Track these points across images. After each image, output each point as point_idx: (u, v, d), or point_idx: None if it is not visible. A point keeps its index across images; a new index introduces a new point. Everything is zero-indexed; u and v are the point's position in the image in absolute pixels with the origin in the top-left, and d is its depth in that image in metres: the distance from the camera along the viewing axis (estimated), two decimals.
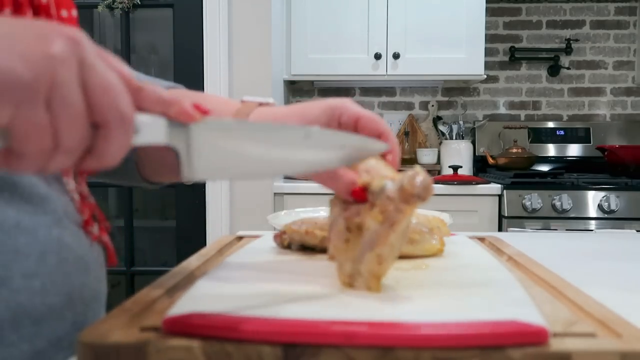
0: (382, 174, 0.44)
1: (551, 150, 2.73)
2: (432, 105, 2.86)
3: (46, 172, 0.31)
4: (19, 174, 0.32)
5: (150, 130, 0.35)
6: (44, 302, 0.45)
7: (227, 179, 0.40)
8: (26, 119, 0.29)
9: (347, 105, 0.50)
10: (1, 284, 0.42)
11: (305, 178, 0.50)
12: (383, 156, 0.49)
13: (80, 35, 0.31)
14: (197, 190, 2.24)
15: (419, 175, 0.40)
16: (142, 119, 0.35)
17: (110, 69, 0.32)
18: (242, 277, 0.50)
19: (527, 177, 2.28)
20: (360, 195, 0.45)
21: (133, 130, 0.33)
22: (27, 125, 0.29)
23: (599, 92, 2.83)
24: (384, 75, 2.47)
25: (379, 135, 0.49)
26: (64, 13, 0.49)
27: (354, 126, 0.49)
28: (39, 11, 0.46)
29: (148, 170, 0.64)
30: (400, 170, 0.45)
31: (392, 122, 2.87)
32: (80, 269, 0.49)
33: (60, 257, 0.47)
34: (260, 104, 0.55)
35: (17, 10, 0.44)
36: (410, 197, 0.40)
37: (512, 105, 2.86)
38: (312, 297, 0.43)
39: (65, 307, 0.47)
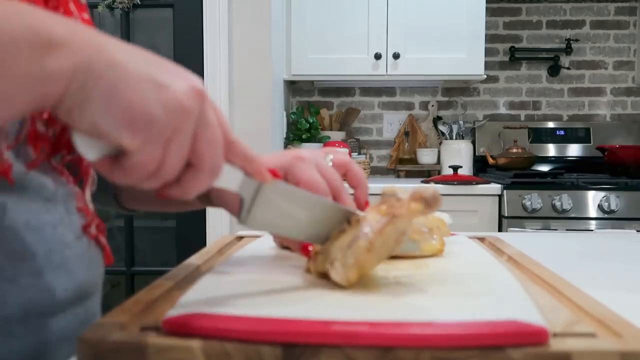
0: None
1: (551, 150, 2.73)
2: (432, 105, 2.86)
3: (137, 186, 0.37)
4: (112, 180, 0.37)
5: (229, 179, 0.43)
6: (51, 298, 0.47)
7: (274, 233, 0.47)
8: (147, 152, 0.34)
9: (295, 166, 0.52)
10: (11, 282, 0.44)
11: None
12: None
13: (203, 88, 0.37)
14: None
15: (432, 188, 0.45)
16: (225, 169, 0.40)
17: (217, 123, 0.38)
18: (242, 277, 0.50)
19: (527, 177, 2.28)
20: (305, 251, 0.52)
21: (217, 177, 0.39)
22: (146, 156, 0.35)
23: (599, 92, 2.83)
24: (384, 75, 2.48)
25: None
26: (86, 15, 0.52)
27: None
28: (60, 4, 0.48)
29: (126, 197, 0.68)
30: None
31: (392, 122, 2.88)
32: (82, 266, 0.51)
33: (63, 256, 0.49)
34: None
35: (46, 3, 0.46)
36: (420, 197, 0.44)
37: (512, 105, 2.86)
38: (312, 297, 0.43)
39: (69, 302, 0.49)
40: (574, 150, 2.72)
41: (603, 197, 2.14)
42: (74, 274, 0.50)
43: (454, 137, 2.67)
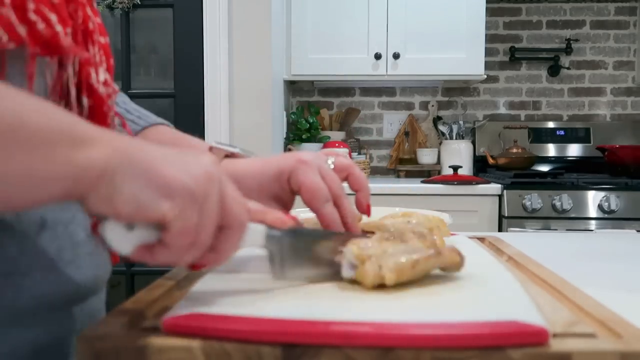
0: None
1: (551, 150, 2.73)
2: (432, 105, 2.86)
3: (178, 264, 0.40)
4: (152, 265, 0.40)
5: (254, 235, 0.44)
6: (61, 292, 0.49)
7: (307, 281, 0.47)
8: (185, 219, 0.37)
9: (297, 169, 0.53)
10: (24, 276, 0.46)
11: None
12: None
13: (216, 160, 0.41)
14: None
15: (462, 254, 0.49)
16: (247, 228, 0.43)
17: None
18: (241, 277, 0.50)
19: (527, 177, 2.28)
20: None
21: (244, 233, 0.42)
22: (185, 223, 0.37)
23: (599, 92, 2.83)
24: (384, 75, 2.47)
25: (313, 211, 0.53)
26: (102, 39, 0.54)
27: (298, 191, 0.54)
28: (87, 35, 0.50)
29: None
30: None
31: (392, 122, 2.88)
32: (92, 264, 0.53)
33: (74, 253, 0.50)
34: (226, 155, 0.59)
35: (74, 34, 0.47)
36: (460, 255, 0.49)
37: (512, 105, 2.86)
38: (312, 297, 0.43)
39: (78, 297, 0.51)
40: (574, 150, 2.72)
41: (603, 197, 2.14)
42: (83, 271, 0.51)
43: (454, 137, 2.67)
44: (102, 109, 0.51)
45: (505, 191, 2.18)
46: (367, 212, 0.57)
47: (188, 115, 2.24)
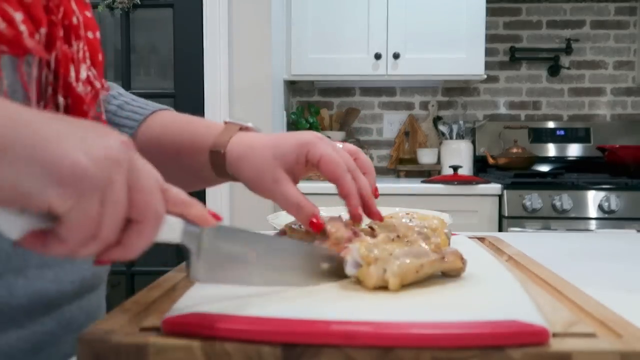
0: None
1: (551, 150, 2.73)
2: (432, 105, 2.86)
3: (75, 257, 0.35)
4: (48, 255, 0.34)
5: (169, 231, 0.38)
6: (57, 289, 0.49)
7: (228, 283, 0.43)
8: (83, 210, 0.32)
9: (316, 143, 0.53)
10: (18, 274, 0.45)
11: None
12: (345, 196, 0.54)
13: (129, 139, 0.35)
14: (197, 191, 2.24)
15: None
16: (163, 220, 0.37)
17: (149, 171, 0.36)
18: None
19: (527, 177, 2.28)
20: (317, 228, 0.52)
21: (159, 228, 0.36)
22: (81, 215, 0.32)
23: (599, 92, 2.83)
24: (384, 75, 2.47)
25: (334, 180, 0.53)
26: (90, 34, 0.52)
27: (317, 164, 0.53)
28: (70, 31, 0.49)
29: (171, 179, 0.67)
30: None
31: (392, 122, 2.87)
32: (89, 259, 0.51)
33: None
34: (241, 128, 0.58)
35: (51, 28, 0.46)
36: (463, 259, 0.49)
37: (512, 105, 2.86)
38: (312, 297, 0.43)
39: (75, 293, 0.51)
40: (574, 150, 2.72)
41: (603, 197, 2.14)
42: (80, 267, 0.51)
43: (454, 137, 2.67)
44: (81, 108, 0.49)
45: (505, 191, 2.18)
46: (375, 193, 0.58)
47: None
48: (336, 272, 0.48)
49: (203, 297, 0.42)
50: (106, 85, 0.55)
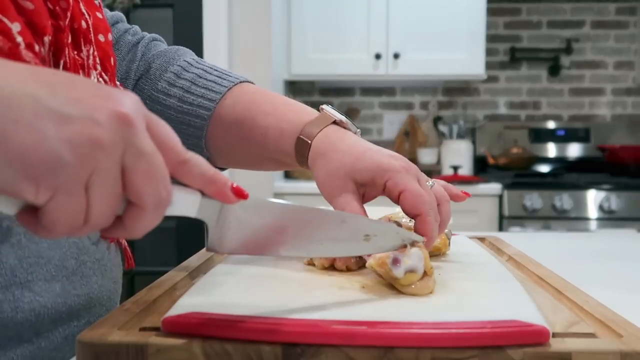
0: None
1: (551, 150, 2.73)
2: (433, 105, 2.86)
3: (70, 236, 0.32)
4: (40, 236, 0.32)
5: (183, 206, 0.35)
6: (64, 303, 0.47)
7: (254, 254, 0.40)
8: (62, 203, 0.28)
9: (398, 171, 0.49)
10: (24, 287, 0.44)
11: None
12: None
13: (133, 111, 0.30)
14: None
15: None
16: (177, 194, 0.34)
17: (156, 148, 0.31)
18: (241, 277, 0.50)
19: (528, 177, 2.28)
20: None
21: (165, 211, 0.33)
22: (61, 207, 0.28)
23: (599, 92, 2.83)
24: (384, 75, 2.47)
25: (415, 216, 0.48)
26: (101, 38, 0.50)
27: (397, 195, 0.49)
28: (79, 35, 0.47)
29: (216, 156, 0.63)
30: None
31: (392, 122, 2.87)
32: (98, 271, 0.51)
33: (79, 261, 0.48)
34: (335, 122, 0.55)
35: (57, 35, 0.44)
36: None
37: (512, 105, 2.86)
38: (312, 297, 0.43)
39: (83, 308, 0.49)
40: (574, 150, 2.72)
41: (603, 197, 2.14)
42: (88, 280, 0.49)
43: (454, 137, 2.67)
44: None
45: (505, 191, 2.18)
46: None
47: None
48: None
49: (203, 297, 0.42)
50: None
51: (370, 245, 0.44)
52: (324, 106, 0.57)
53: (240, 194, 0.36)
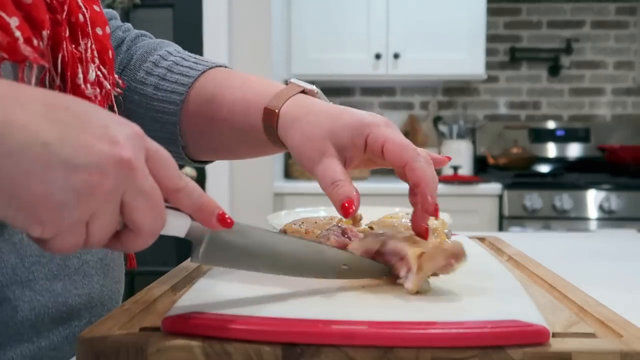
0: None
1: (551, 150, 2.73)
2: (433, 106, 2.86)
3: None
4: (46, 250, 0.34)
5: (174, 229, 0.38)
6: (65, 303, 0.47)
7: (234, 268, 0.43)
8: (64, 239, 0.31)
9: (378, 125, 0.47)
10: (25, 287, 0.44)
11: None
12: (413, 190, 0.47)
13: (135, 154, 0.32)
14: None
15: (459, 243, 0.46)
16: (169, 218, 0.37)
17: (154, 183, 0.33)
18: (241, 277, 0.50)
19: (528, 177, 2.28)
20: (347, 213, 0.46)
21: (159, 233, 0.35)
22: (63, 241, 0.31)
23: (599, 92, 2.83)
24: (384, 75, 2.47)
25: (403, 166, 0.45)
26: (99, 31, 0.50)
27: (380, 149, 0.46)
28: (76, 29, 0.46)
29: (195, 149, 0.62)
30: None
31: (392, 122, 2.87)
32: (100, 270, 0.51)
33: (81, 260, 0.49)
34: (304, 91, 0.53)
35: (55, 28, 0.44)
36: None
37: (512, 105, 2.86)
38: (312, 297, 0.43)
39: (84, 307, 0.49)
40: (574, 150, 2.72)
41: (603, 197, 2.14)
42: (90, 280, 0.49)
43: (454, 137, 2.67)
44: None
45: (505, 191, 2.19)
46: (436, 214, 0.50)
47: None
48: (352, 272, 0.46)
49: (203, 297, 0.42)
50: (116, 83, 0.53)
51: (349, 272, 0.46)
52: (293, 79, 0.55)
53: (224, 222, 0.37)
